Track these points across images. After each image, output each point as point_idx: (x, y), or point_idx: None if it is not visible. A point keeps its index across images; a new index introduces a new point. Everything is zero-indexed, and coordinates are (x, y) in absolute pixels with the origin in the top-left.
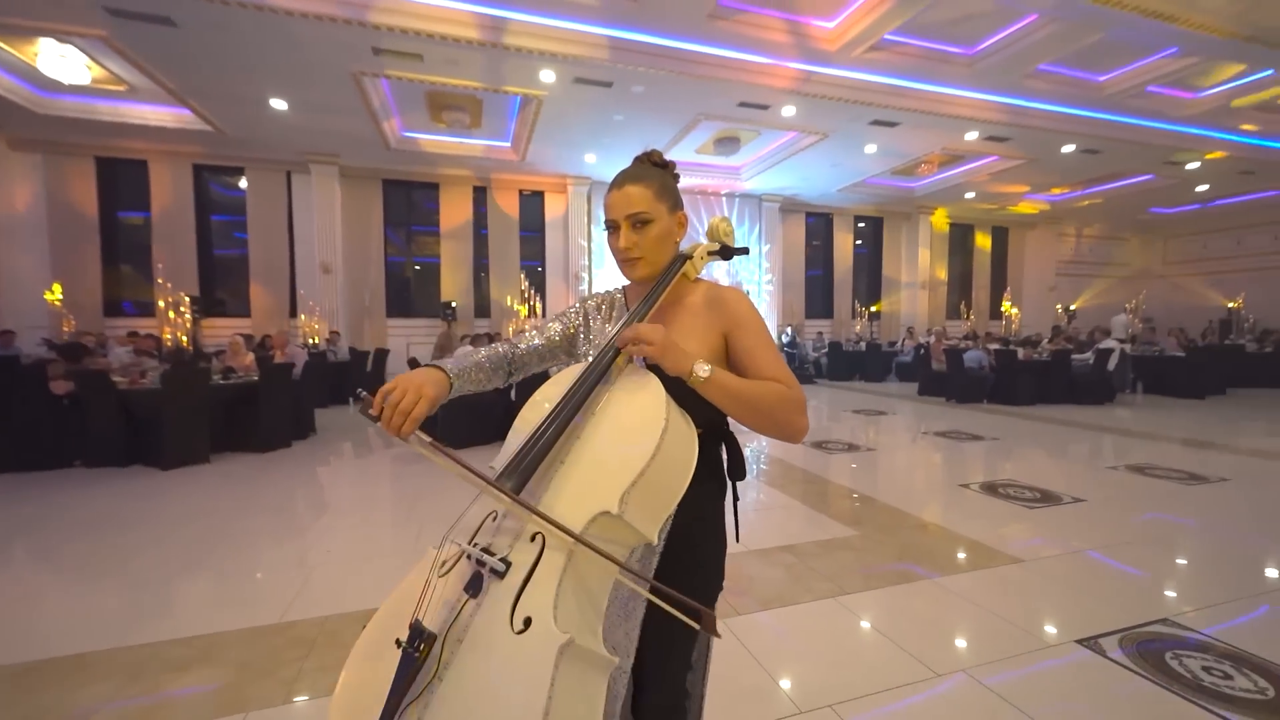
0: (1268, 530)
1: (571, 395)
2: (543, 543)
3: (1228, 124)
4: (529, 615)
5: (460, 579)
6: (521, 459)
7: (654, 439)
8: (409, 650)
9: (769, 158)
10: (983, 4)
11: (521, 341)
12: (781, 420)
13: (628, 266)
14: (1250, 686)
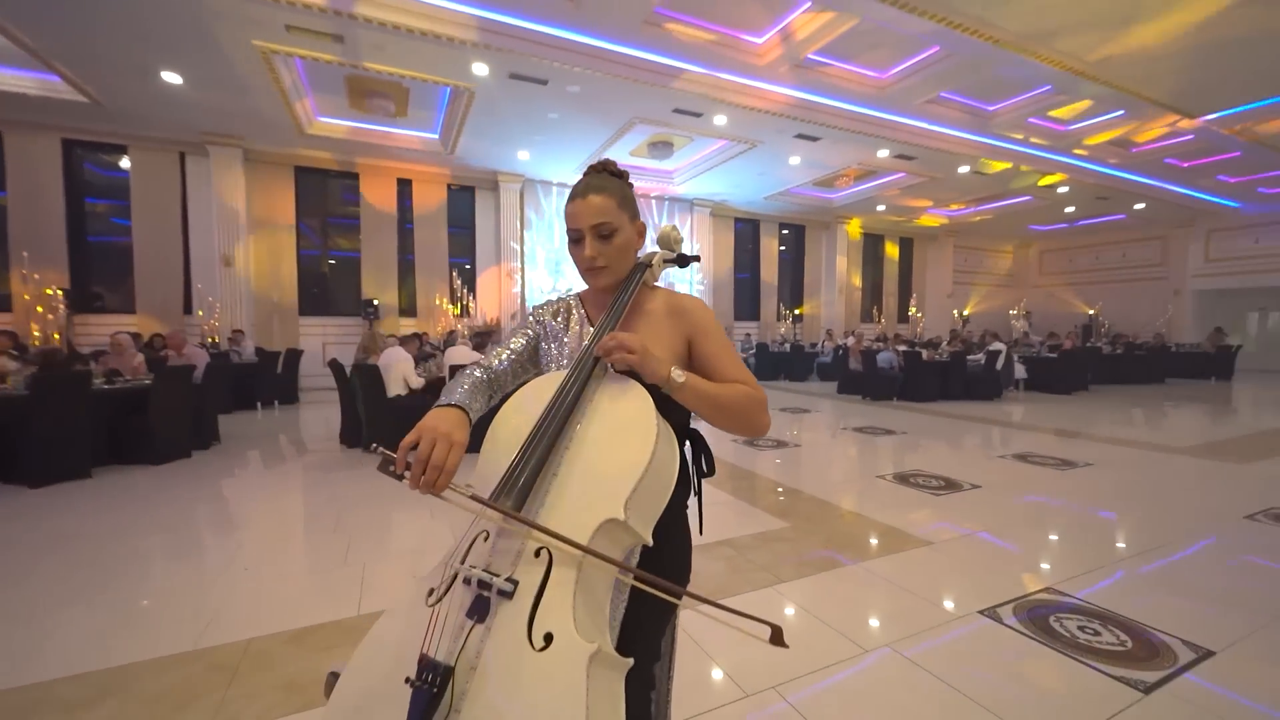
0: (1122, 507)
1: (556, 406)
2: (549, 558)
3: (1091, 155)
4: (549, 631)
5: (459, 606)
6: (515, 475)
7: (650, 443)
8: (422, 686)
9: (701, 164)
10: (894, 33)
11: (492, 361)
12: (747, 420)
13: (592, 275)
14: (1114, 640)
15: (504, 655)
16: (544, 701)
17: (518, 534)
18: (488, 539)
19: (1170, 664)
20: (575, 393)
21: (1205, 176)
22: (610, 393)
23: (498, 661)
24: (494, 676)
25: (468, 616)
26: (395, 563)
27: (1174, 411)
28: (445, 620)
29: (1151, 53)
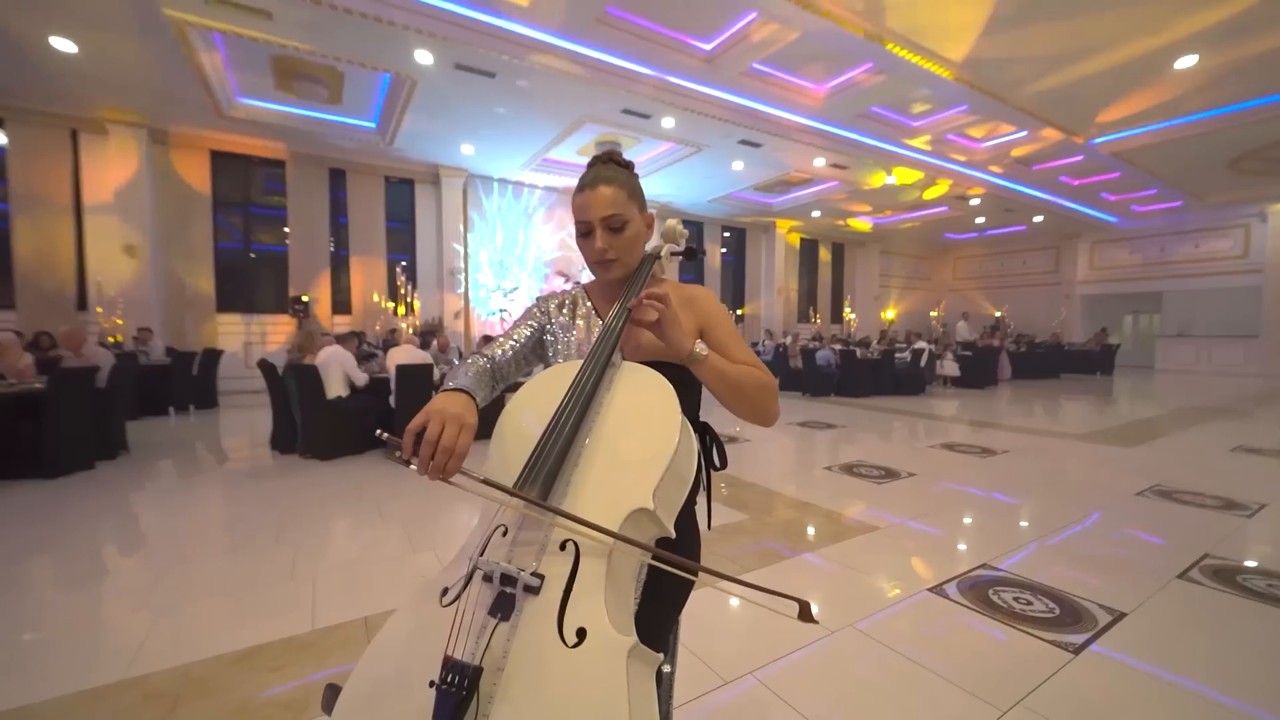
0: (1036, 489)
1: (575, 395)
2: (576, 550)
3: (998, 170)
4: (581, 626)
5: (479, 604)
6: (538, 464)
7: (675, 429)
8: (448, 689)
9: (648, 165)
10: (831, 48)
11: (495, 351)
12: (761, 404)
13: (603, 269)
14: (1044, 608)
15: (534, 654)
16: (583, 699)
17: (541, 526)
18: (506, 533)
19: (1092, 626)
20: (593, 382)
21: (1091, 194)
22: (629, 381)
23: (527, 660)
24: (524, 676)
25: (490, 615)
26: (349, 573)
27: (1069, 403)
28: (466, 620)
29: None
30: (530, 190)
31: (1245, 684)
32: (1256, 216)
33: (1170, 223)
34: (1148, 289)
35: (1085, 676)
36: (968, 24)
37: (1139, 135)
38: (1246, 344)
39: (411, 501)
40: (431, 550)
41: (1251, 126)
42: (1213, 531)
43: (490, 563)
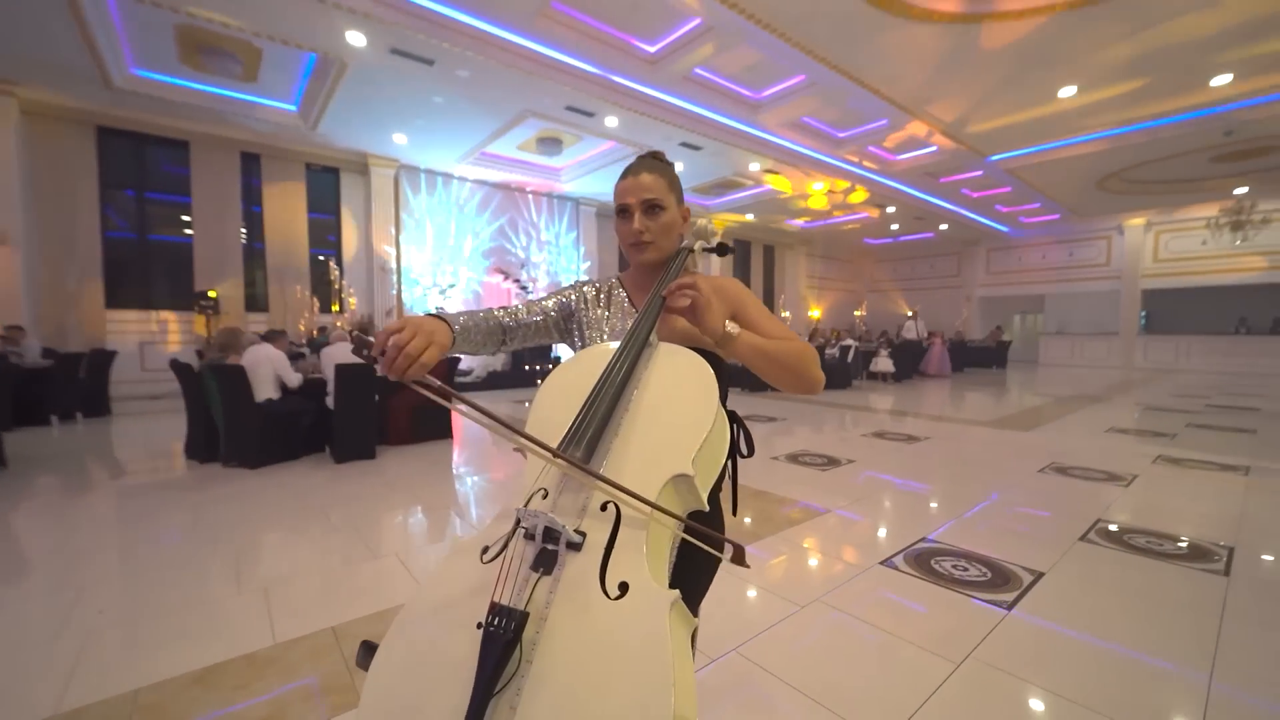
0: (957, 469)
1: (615, 368)
2: (616, 511)
3: (912, 181)
4: (624, 580)
5: (521, 559)
6: (582, 428)
7: (714, 398)
8: (497, 630)
9: (589, 163)
10: (769, 57)
11: (513, 312)
12: (804, 373)
13: (637, 250)
14: (978, 572)
15: (577, 605)
16: (626, 647)
17: (582, 489)
18: (546, 496)
19: (1019, 585)
20: (632, 358)
21: (988, 206)
22: (666, 360)
23: (570, 610)
24: (566, 625)
25: (532, 569)
26: (305, 584)
27: (973, 394)
28: (509, 573)
29: (969, 110)
30: (467, 184)
31: (1135, 624)
32: (1116, 229)
33: (1051, 233)
34: (1033, 292)
35: (1019, 628)
36: (893, 54)
37: (1027, 155)
38: (1109, 340)
39: (364, 507)
40: (394, 555)
41: (1115, 152)
42: (1101, 500)
43: (535, 515)
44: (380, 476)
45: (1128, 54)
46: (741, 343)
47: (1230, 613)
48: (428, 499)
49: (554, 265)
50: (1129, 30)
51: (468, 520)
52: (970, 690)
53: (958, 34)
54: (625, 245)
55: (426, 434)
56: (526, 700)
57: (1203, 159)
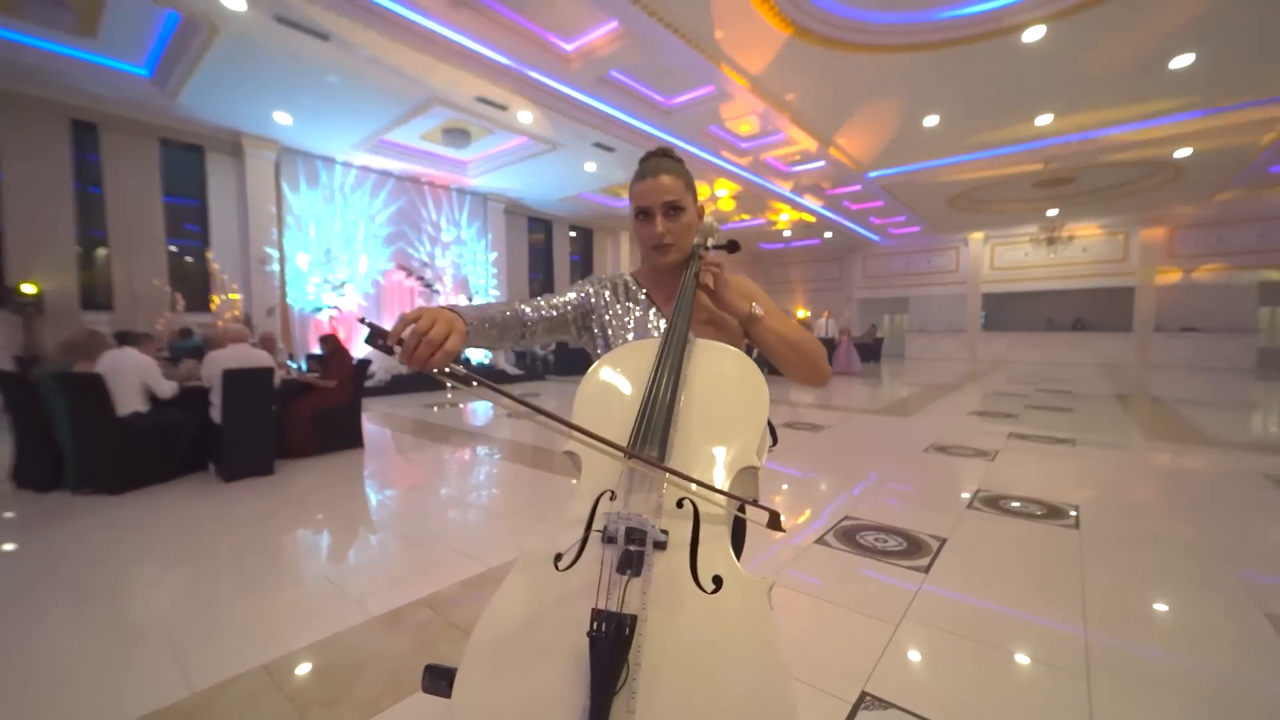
0: (860, 452)
1: (668, 363)
2: (694, 507)
3: (801, 190)
4: (716, 574)
5: (604, 564)
6: (650, 428)
7: (764, 391)
8: (607, 636)
9: (499, 158)
10: (681, 65)
11: (528, 307)
12: (819, 363)
13: (659, 253)
14: (896, 543)
15: (674, 602)
16: (734, 639)
17: (654, 487)
18: (614, 498)
19: (930, 551)
20: (679, 352)
21: (864, 217)
22: (707, 354)
23: (669, 609)
24: (668, 624)
25: (619, 572)
26: (218, 621)
27: (861, 386)
28: (590, 580)
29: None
30: (364, 173)
31: (1017, 574)
32: (962, 241)
33: (914, 243)
34: (900, 294)
35: (938, 586)
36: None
37: (897, 174)
38: (959, 336)
39: (271, 528)
40: (322, 578)
41: (964, 174)
42: (976, 473)
43: (619, 517)
44: (282, 493)
45: (975, 93)
46: (765, 325)
47: (1087, 559)
48: (346, 514)
49: (461, 262)
50: (975, 74)
51: (395, 534)
52: (912, 647)
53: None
54: (647, 247)
55: (333, 444)
56: (643, 701)
57: (1026, 185)
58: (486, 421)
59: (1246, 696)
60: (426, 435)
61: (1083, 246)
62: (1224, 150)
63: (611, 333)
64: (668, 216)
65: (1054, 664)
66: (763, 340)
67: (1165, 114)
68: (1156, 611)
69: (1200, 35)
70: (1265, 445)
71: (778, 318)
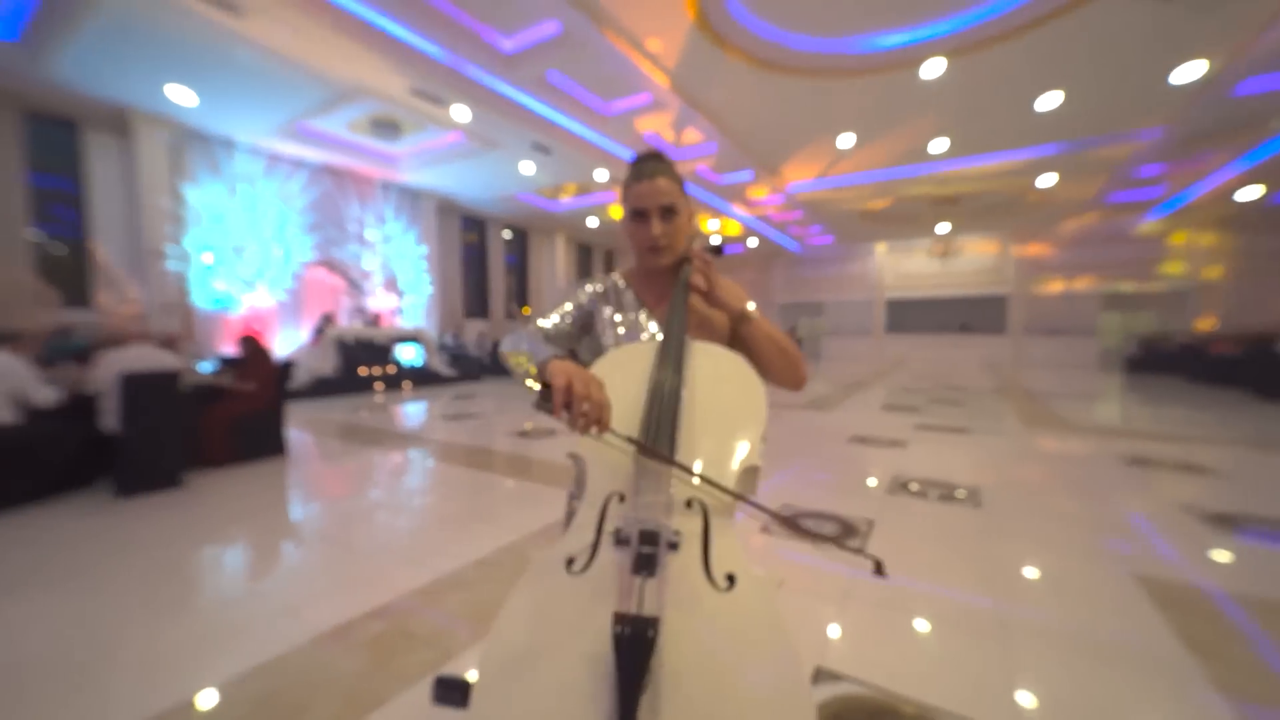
0: (791, 443)
1: (669, 364)
2: (703, 506)
3: (730, 198)
4: (729, 572)
5: (617, 567)
6: (658, 430)
7: (763, 393)
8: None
9: (432, 154)
10: (619, 72)
11: (546, 325)
12: (800, 367)
13: (654, 255)
14: (834, 527)
15: (690, 602)
16: (751, 634)
17: (662, 488)
18: (624, 500)
19: (864, 532)
20: (679, 354)
21: (785, 227)
22: (705, 355)
23: (685, 608)
24: (686, 623)
25: (634, 574)
26: (130, 651)
27: None
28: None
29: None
30: (281, 162)
31: (937, 551)
32: (870, 252)
33: (828, 252)
34: (816, 299)
35: None
36: (727, 90)
37: (815, 189)
38: (866, 338)
39: (180, 549)
40: (257, 597)
41: (876, 191)
42: (893, 461)
43: (633, 520)
44: (195, 507)
45: (884, 118)
46: (758, 325)
47: (990, 534)
48: (274, 525)
49: (392, 260)
50: (885, 101)
51: (333, 545)
52: (855, 623)
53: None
54: (641, 249)
55: (252, 452)
56: (667, 699)
57: (924, 203)
58: (420, 423)
59: (1118, 643)
60: (356, 439)
61: (968, 259)
62: (1077, 180)
63: (605, 335)
64: (663, 219)
65: (975, 630)
66: (753, 340)
67: (1034, 145)
68: (1047, 577)
69: (1063, 79)
70: (1115, 431)
71: (765, 319)
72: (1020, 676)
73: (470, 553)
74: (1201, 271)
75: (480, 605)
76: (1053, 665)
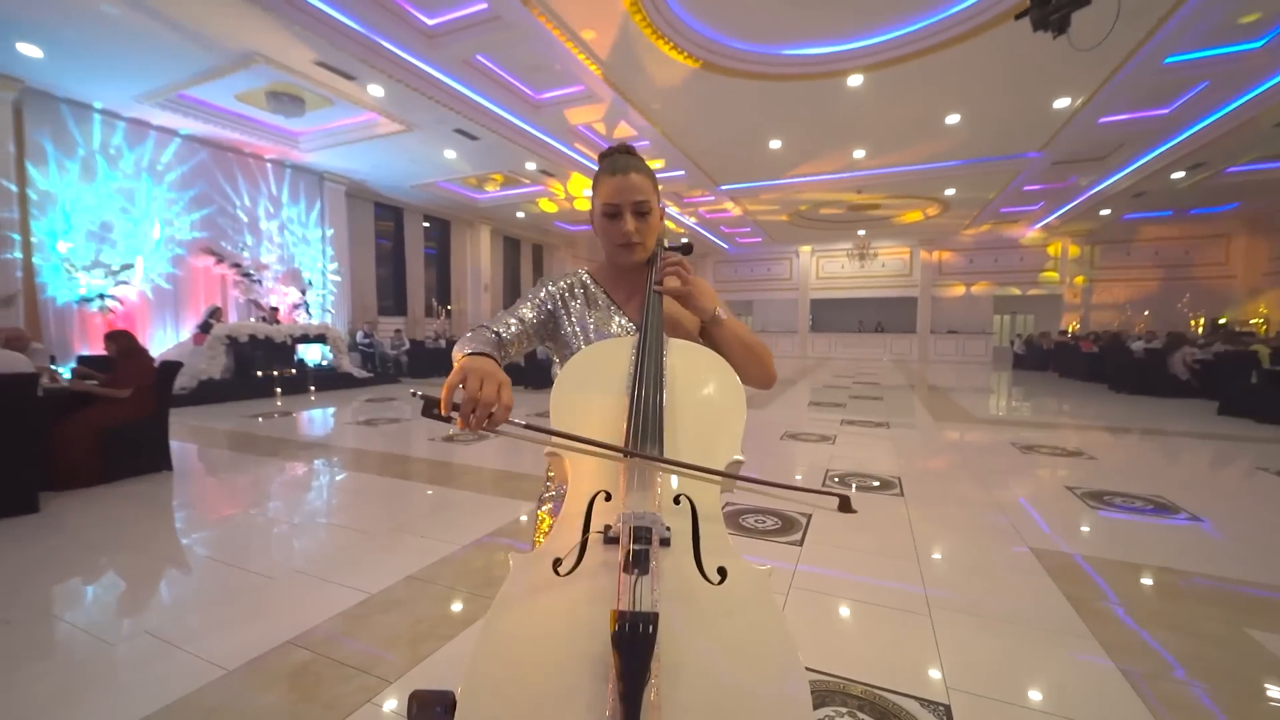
0: None
1: (648, 362)
2: (690, 502)
3: (662, 197)
4: (720, 565)
5: (607, 565)
6: (645, 427)
7: (741, 388)
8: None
9: (341, 133)
10: (551, 60)
11: (499, 326)
12: (770, 367)
13: (627, 251)
14: (773, 522)
15: (684, 597)
16: (747, 627)
17: (650, 485)
18: (610, 499)
19: (801, 526)
20: (658, 351)
21: (715, 226)
22: (682, 353)
23: (680, 604)
24: (681, 618)
25: (625, 572)
26: None
27: None
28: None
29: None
30: (154, 132)
31: (870, 538)
32: (794, 253)
33: (756, 253)
34: (745, 298)
35: (811, 556)
36: (663, 86)
37: (745, 188)
38: (792, 336)
39: (41, 583)
40: (147, 633)
41: (801, 194)
42: (824, 455)
43: (626, 517)
44: (54, 537)
45: (810, 124)
46: (728, 327)
47: (913, 520)
48: (160, 551)
49: (292, 249)
50: (812, 107)
51: (236, 569)
52: (802, 613)
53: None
54: (613, 245)
55: (128, 468)
56: (667, 695)
57: (844, 208)
58: (325, 430)
59: (1021, 608)
60: (254, 449)
61: (882, 263)
62: (975, 192)
63: (575, 334)
64: (637, 216)
65: (906, 609)
66: (723, 341)
67: (939, 159)
68: (961, 557)
69: (963, 102)
70: (1007, 421)
71: (735, 320)
72: (946, 649)
73: (399, 568)
74: (1070, 278)
75: (418, 624)
76: (971, 635)
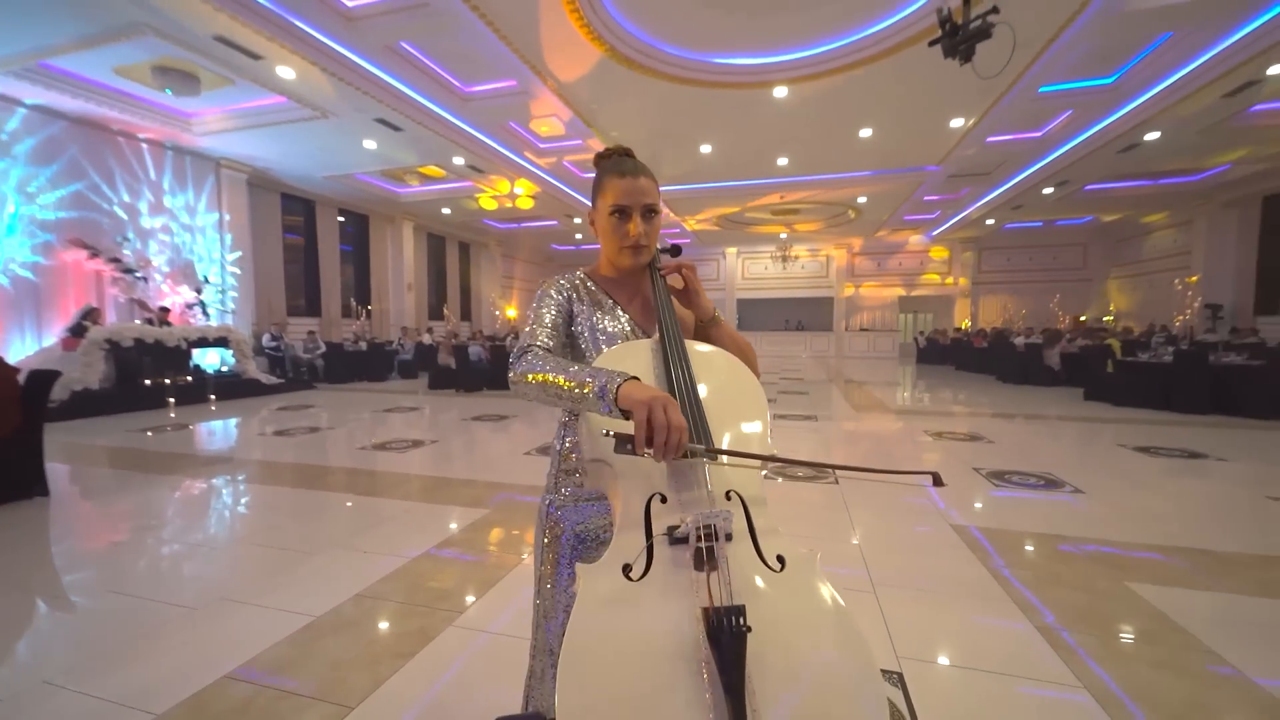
0: None
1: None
2: (740, 496)
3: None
4: (778, 553)
5: (677, 565)
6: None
7: (760, 387)
8: (731, 627)
9: (243, 116)
10: (483, 52)
11: (540, 341)
12: (755, 366)
13: (633, 253)
14: None
15: (754, 587)
16: (813, 609)
17: (699, 483)
18: (665, 500)
19: None
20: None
21: None
22: (701, 354)
23: (753, 594)
24: (758, 607)
25: (696, 570)
26: None
27: None
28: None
29: (644, 143)
30: (11, 107)
31: (813, 524)
32: (721, 255)
33: (685, 253)
34: None
35: None
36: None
37: (677, 190)
38: None
39: None
40: (46, 683)
41: (734, 195)
42: None
43: (706, 515)
44: None
45: (739, 131)
46: (723, 328)
47: (849, 505)
48: (43, 589)
49: (181, 242)
50: (740, 116)
51: (145, 602)
52: None
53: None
54: (620, 247)
55: None
56: (759, 683)
57: (768, 211)
58: (231, 443)
59: (950, 577)
60: (149, 467)
61: (802, 265)
62: (883, 200)
63: (582, 333)
64: (645, 218)
65: (854, 588)
66: (719, 341)
67: (853, 169)
68: (895, 534)
69: (875, 116)
70: (916, 411)
71: (726, 321)
72: (894, 625)
73: (345, 587)
74: (961, 280)
75: (373, 645)
76: (910, 603)
